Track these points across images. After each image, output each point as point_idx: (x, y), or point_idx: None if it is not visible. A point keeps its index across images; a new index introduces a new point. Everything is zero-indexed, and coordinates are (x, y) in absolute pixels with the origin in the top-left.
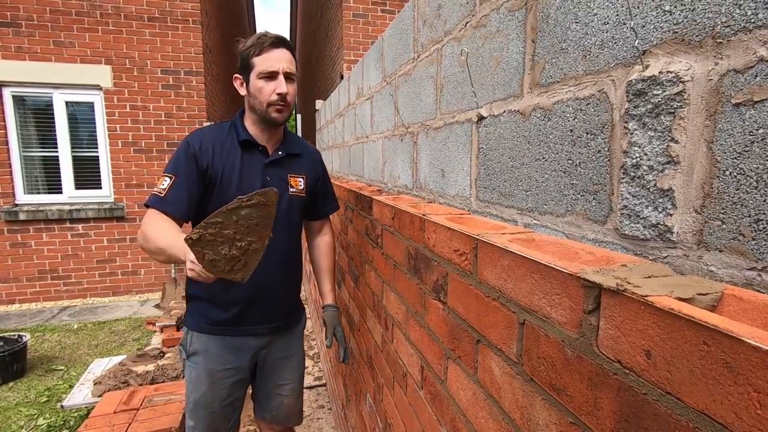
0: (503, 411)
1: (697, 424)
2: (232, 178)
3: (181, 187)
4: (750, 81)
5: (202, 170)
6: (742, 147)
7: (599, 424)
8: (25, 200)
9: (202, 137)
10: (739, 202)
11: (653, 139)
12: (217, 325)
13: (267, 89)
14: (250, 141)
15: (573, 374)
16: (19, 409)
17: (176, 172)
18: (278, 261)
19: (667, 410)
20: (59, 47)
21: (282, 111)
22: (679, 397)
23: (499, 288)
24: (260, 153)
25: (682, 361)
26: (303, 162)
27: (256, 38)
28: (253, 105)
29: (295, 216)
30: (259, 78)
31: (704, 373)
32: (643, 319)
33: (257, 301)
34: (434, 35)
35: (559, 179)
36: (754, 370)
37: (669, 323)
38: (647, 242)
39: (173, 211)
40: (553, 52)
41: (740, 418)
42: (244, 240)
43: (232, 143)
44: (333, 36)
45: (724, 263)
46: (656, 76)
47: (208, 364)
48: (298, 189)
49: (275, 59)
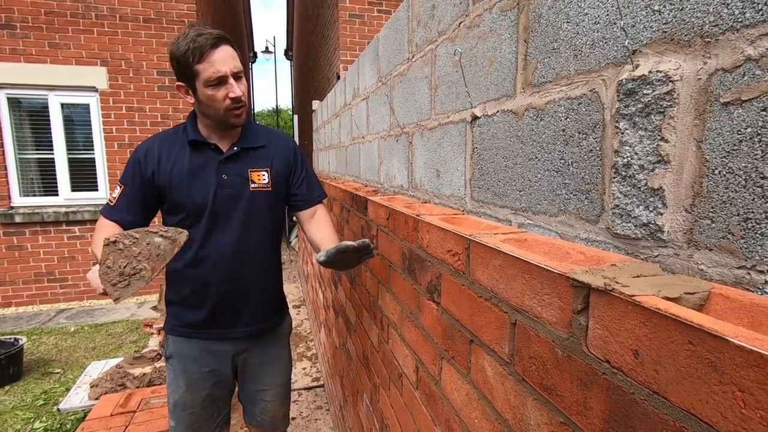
0: (496, 411)
1: (683, 424)
2: (182, 180)
3: (128, 196)
4: (738, 80)
5: (148, 178)
6: (731, 146)
7: (589, 423)
8: (21, 203)
9: (148, 145)
10: (729, 201)
11: (644, 139)
12: (190, 328)
13: (219, 96)
14: (199, 141)
15: (563, 374)
16: (15, 412)
17: (125, 181)
18: (246, 261)
19: (654, 410)
20: (54, 49)
21: (241, 114)
22: (666, 397)
23: (491, 288)
24: (213, 151)
25: (669, 360)
26: (267, 153)
27: (191, 41)
28: (206, 113)
29: (260, 212)
30: (207, 86)
31: (690, 372)
32: (630, 318)
33: (226, 303)
34: (428, 35)
35: (552, 179)
36: (739, 369)
37: (656, 323)
38: (638, 241)
39: (118, 217)
40: (545, 52)
41: (725, 417)
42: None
43: (181, 146)
44: (329, 36)
45: (714, 262)
46: (646, 76)
47: (184, 366)
48: (261, 183)
49: (220, 62)
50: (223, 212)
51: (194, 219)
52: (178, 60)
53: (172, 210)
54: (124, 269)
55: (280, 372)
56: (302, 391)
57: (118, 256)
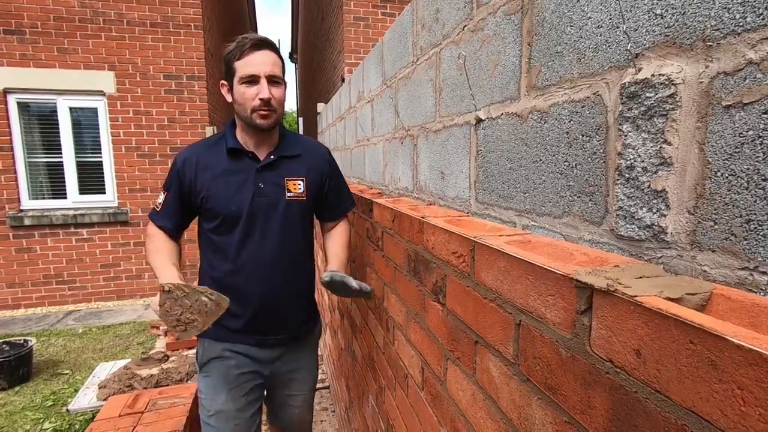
0: (501, 411)
1: (685, 422)
2: (219, 188)
3: (171, 204)
4: (739, 83)
5: (187, 187)
6: (733, 148)
7: (593, 422)
8: (30, 206)
9: (187, 154)
10: (731, 202)
11: (647, 141)
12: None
13: (249, 94)
14: (237, 149)
15: (567, 374)
16: (25, 413)
17: (168, 188)
18: (282, 269)
19: (656, 408)
20: (63, 54)
21: (267, 116)
22: (668, 395)
23: (496, 289)
24: (250, 159)
25: (670, 359)
26: (303, 163)
27: (237, 41)
28: (238, 111)
29: (296, 222)
30: (241, 83)
31: (691, 371)
32: (633, 318)
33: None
34: (433, 39)
35: (556, 181)
36: (738, 367)
37: (657, 323)
38: (642, 243)
39: (165, 224)
40: (548, 55)
41: (725, 415)
42: (194, 315)
43: (218, 154)
44: (334, 39)
45: (717, 263)
46: (649, 79)
47: (225, 372)
48: (296, 193)
49: (257, 62)
50: (259, 221)
51: (229, 226)
52: (224, 58)
53: (208, 216)
54: (180, 316)
55: (309, 379)
56: None
57: (173, 303)
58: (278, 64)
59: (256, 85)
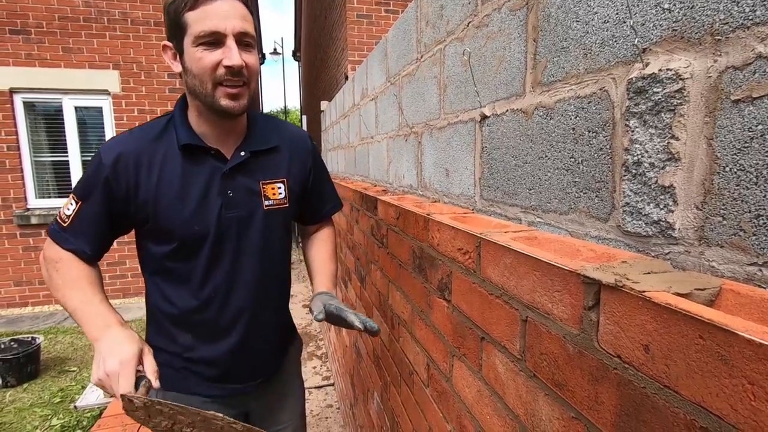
0: (507, 407)
1: (694, 417)
2: (173, 200)
3: (88, 219)
4: (749, 78)
5: (120, 198)
6: (742, 143)
7: (600, 418)
8: (37, 204)
9: (121, 149)
10: (740, 198)
11: (654, 137)
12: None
13: (209, 61)
14: (194, 146)
15: (574, 370)
16: (33, 409)
17: (83, 196)
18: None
19: (665, 403)
20: (68, 53)
21: (238, 96)
22: (677, 391)
23: (502, 285)
24: (214, 159)
25: (679, 355)
26: (282, 158)
27: None
28: (193, 87)
29: (276, 236)
30: (196, 44)
31: (700, 366)
32: (641, 314)
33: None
34: (437, 35)
35: (562, 177)
36: (748, 362)
37: (666, 318)
38: (649, 239)
39: (78, 247)
40: (554, 51)
41: (735, 410)
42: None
43: (168, 150)
44: (337, 37)
45: (726, 259)
46: (656, 74)
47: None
48: (277, 200)
49: (219, 14)
50: (230, 240)
51: (190, 250)
52: (167, 8)
53: (158, 239)
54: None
55: (298, 401)
56: (313, 390)
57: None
58: (249, 19)
59: (220, 47)
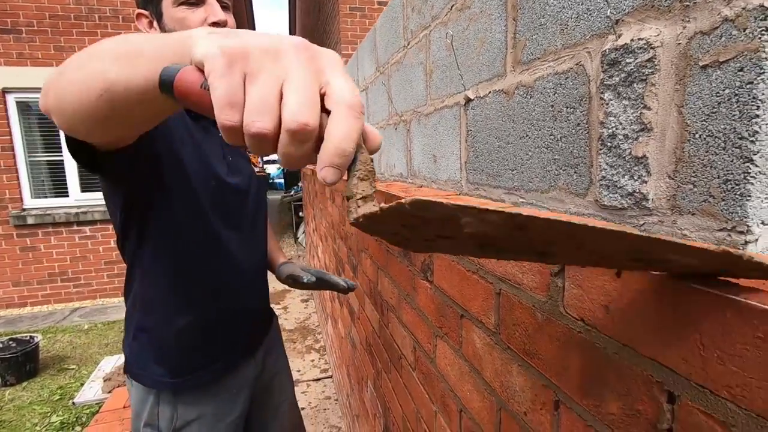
0: (485, 382)
1: (650, 372)
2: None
3: None
4: (715, 42)
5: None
6: (710, 109)
7: (567, 383)
8: (33, 204)
9: None
10: (709, 164)
11: (627, 108)
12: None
13: (193, 19)
14: None
15: (543, 337)
16: (33, 407)
17: None
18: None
19: (625, 362)
20: (60, 52)
21: None
22: (635, 348)
23: (478, 260)
24: (212, 125)
25: (636, 312)
26: None
27: None
28: None
29: (264, 203)
30: (176, 4)
31: (656, 321)
32: (602, 276)
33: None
34: (422, 21)
35: (542, 155)
36: (696, 313)
37: (624, 277)
38: (625, 211)
39: None
40: (532, 29)
41: (687, 362)
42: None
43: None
44: (331, 31)
45: (697, 226)
46: (628, 44)
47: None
48: (259, 167)
49: None
50: (232, 205)
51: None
52: None
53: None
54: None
55: (290, 379)
56: (311, 383)
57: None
58: None
59: (202, 6)
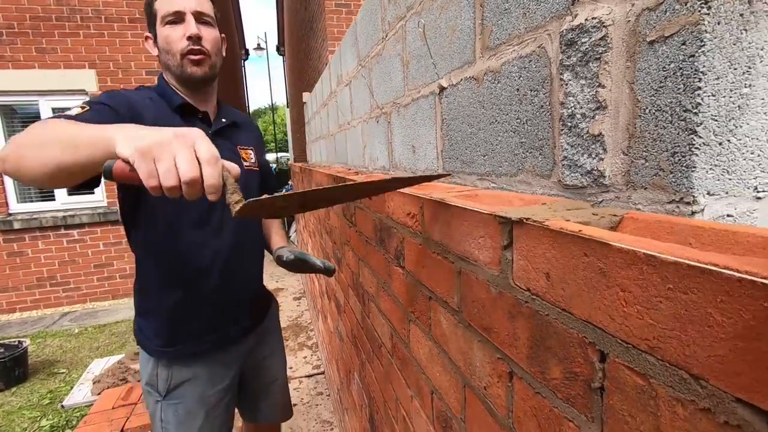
0: (452, 362)
1: (584, 334)
2: None
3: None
4: (661, 17)
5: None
6: (658, 83)
7: (518, 353)
8: (19, 209)
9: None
10: (658, 138)
11: (584, 87)
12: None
13: (175, 35)
14: (189, 105)
15: (497, 311)
16: (22, 412)
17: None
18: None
19: (563, 326)
20: (42, 54)
21: (200, 62)
22: (571, 311)
23: (441, 241)
24: (201, 121)
25: (571, 276)
26: (245, 133)
27: None
28: (166, 62)
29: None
30: (164, 24)
31: (587, 283)
32: (543, 244)
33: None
34: (398, 12)
35: (510, 139)
36: (620, 270)
37: (560, 242)
38: (585, 189)
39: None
40: (498, 14)
41: (613, 319)
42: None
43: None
44: (317, 28)
45: (649, 199)
46: (583, 24)
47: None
48: (250, 162)
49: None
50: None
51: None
52: (145, 4)
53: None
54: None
55: (282, 361)
56: (303, 379)
57: None
58: (209, 2)
59: (182, 24)
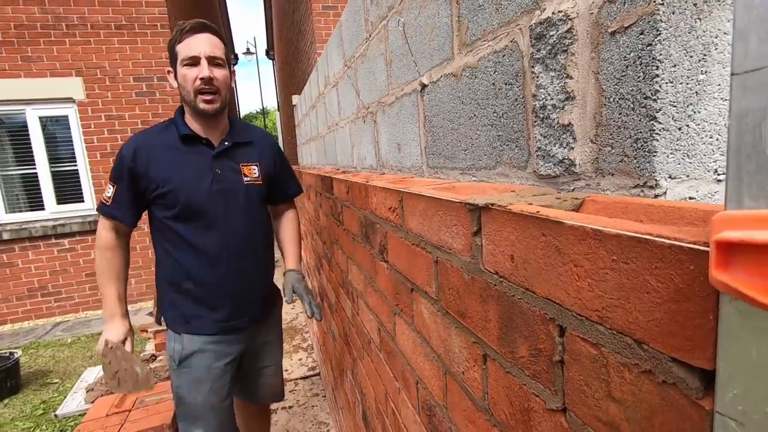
0: (433, 350)
1: (545, 310)
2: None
3: (123, 196)
4: (620, 9)
5: (140, 177)
6: (620, 73)
7: (489, 336)
8: (8, 219)
9: (138, 143)
10: (622, 125)
11: (554, 79)
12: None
13: (190, 76)
14: (192, 135)
15: (470, 296)
16: (15, 423)
17: (117, 180)
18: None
19: (527, 305)
20: (27, 62)
21: (211, 101)
22: (533, 290)
23: (419, 233)
24: (205, 146)
25: (532, 256)
26: (255, 150)
27: (178, 26)
28: (183, 96)
29: (255, 205)
30: (182, 65)
31: (545, 261)
32: (507, 227)
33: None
34: (380, 12)
35: (488, 133)
36: (572, 245)
37: (522, 225)
38: (558, 179)
39: (121, 216)
40: (473, 10)
41: (568, 294)
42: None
43: (171, 142)
44: (305, 31)
45: (616, 185)
46: (550, 17)
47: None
48: (253, 177)
49: (196, 44)
50: (220, 207)
51: (190, 214)
52: (168, 44)
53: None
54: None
55: (279, 349)
56: (299, 381)
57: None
58: (219, 47)
59: (197, 66)
